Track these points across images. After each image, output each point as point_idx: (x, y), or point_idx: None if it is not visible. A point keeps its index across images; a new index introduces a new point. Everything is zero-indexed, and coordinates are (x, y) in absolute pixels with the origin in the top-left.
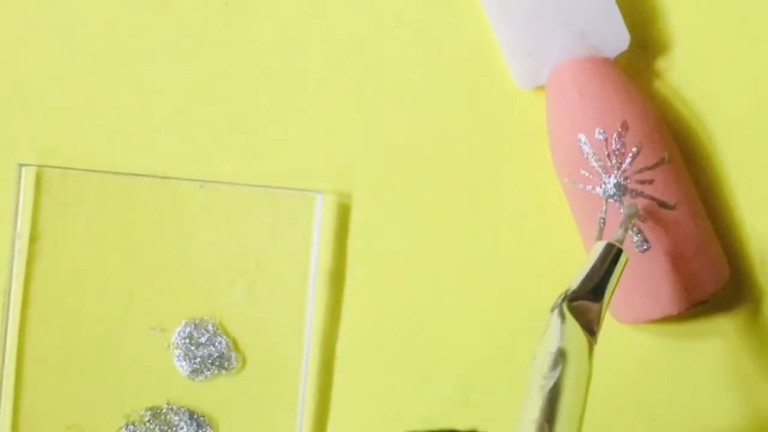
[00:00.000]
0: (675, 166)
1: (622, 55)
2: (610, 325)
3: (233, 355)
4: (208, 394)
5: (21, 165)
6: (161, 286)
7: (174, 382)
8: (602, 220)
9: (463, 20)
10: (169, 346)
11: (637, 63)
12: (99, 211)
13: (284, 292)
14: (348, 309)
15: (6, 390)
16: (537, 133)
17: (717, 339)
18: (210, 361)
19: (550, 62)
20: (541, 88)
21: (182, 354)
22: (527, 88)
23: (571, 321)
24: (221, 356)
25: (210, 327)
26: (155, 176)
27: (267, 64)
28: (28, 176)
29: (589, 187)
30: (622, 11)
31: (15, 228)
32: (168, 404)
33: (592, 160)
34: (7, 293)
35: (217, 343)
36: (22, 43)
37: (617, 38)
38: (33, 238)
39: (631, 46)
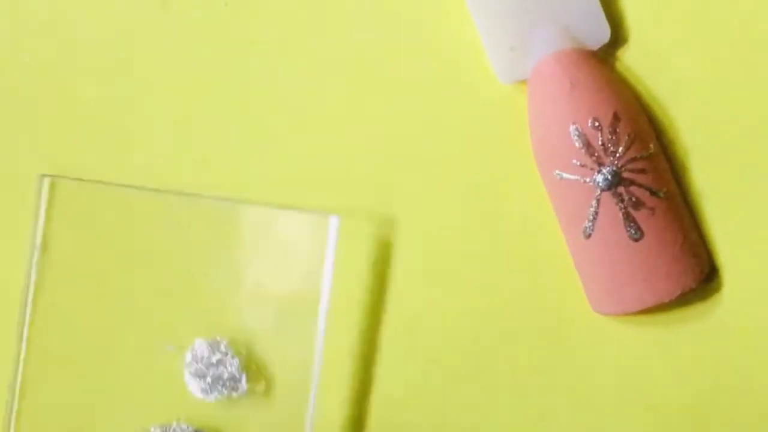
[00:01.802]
0: (658, 155)
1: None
2: (598, 322)
3: (244, 376)
4: (217, 415)
5: (43, 176)
6: (175, 304)
7: (184, 401)
8: (594, 212)
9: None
10: (181, 364)
11: (612, 56)
12: (113, 225)
13: (298, 316)
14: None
15: (13, 401)
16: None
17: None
18: (221, 382)
19: (533, 56)
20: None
21: (194, 373)
22: (510, 83)
23: None
24: (232, 378)
25: (223, 347)
26: (171, 192)
27: (268, 64)
28: (48, 187)
29: (587, 178)
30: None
31: (34, 239)
32: (177, 422)
33: (586, 150)
34: (24, 304)
35: (228, 364)
36: (20, 45)
37: (599, 31)
38: (43, 248)
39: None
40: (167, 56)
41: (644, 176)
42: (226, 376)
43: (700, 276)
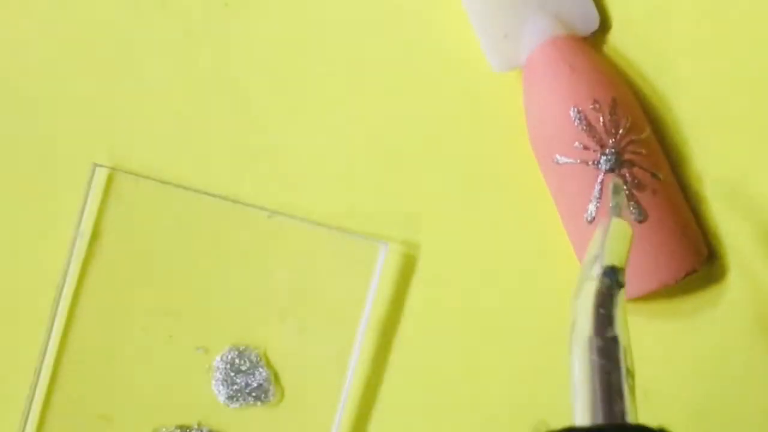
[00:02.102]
0: (652, 139)
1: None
2: None
3: (272, 388)
4: (239, 423)
5: (96, 165)
6: (212, 307)
7: (208, 405)
8: (598, 195)
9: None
10: (210, 368)
11: (601, 42)
12: (164, 223)
13: (333, 335)
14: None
15: (42, 381)
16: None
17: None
18: (248, 390)
19: (526, 44)
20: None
21: (221, 378)
22: (503, 71)
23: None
24: (260, 387)
25: (253, 356)
26: (226, 198)
27: (268, 64)
28: (100, 177)
29: (590, 161)
30: None
31: (78, 226)
32: (198, 425)
33: (588, 131)
34: (60, 288)
35: (257, 374)
36: (20, 45)
37: (588, 18)
38: (94, 237)
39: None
40: (167, 56)
41: (644, 158)
42: (253, 385)
43: (701, 258)
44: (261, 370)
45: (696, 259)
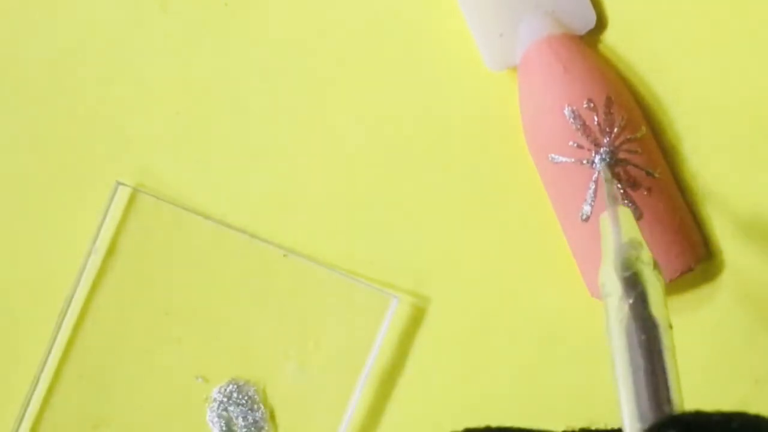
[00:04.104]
0: (649, 137)
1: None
2: (593, 305)
3: (267, 426)
4: None
5: (119, 183)
6: (217, 338)
7: None
8: (593, 194)
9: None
10: (207, 398)
11: (598, 41)
12: (180, 248)
13: (334, 380)
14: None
15: (38, 394)
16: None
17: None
18: (243, 425)
19: (521, 43)
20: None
21: (217, 410)
22: (499, 70)
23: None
24: (255, 424)
25: (252, 392)
26: (244, 232)
27: (268, 64)
28: (121, 195)
29: (584, 160)
30: None
31: (95, 241)
32: None
33: (582, 130)
34: (68, 301)
35: (254, 410)
36: (20, 46)
37: (585, 17)
38: (109, 254)
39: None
40: (167, 57)
41: (639, 157)
42: (249, 421)
43: (697, 257)
44: (258, 406)
45: (692, 258)
